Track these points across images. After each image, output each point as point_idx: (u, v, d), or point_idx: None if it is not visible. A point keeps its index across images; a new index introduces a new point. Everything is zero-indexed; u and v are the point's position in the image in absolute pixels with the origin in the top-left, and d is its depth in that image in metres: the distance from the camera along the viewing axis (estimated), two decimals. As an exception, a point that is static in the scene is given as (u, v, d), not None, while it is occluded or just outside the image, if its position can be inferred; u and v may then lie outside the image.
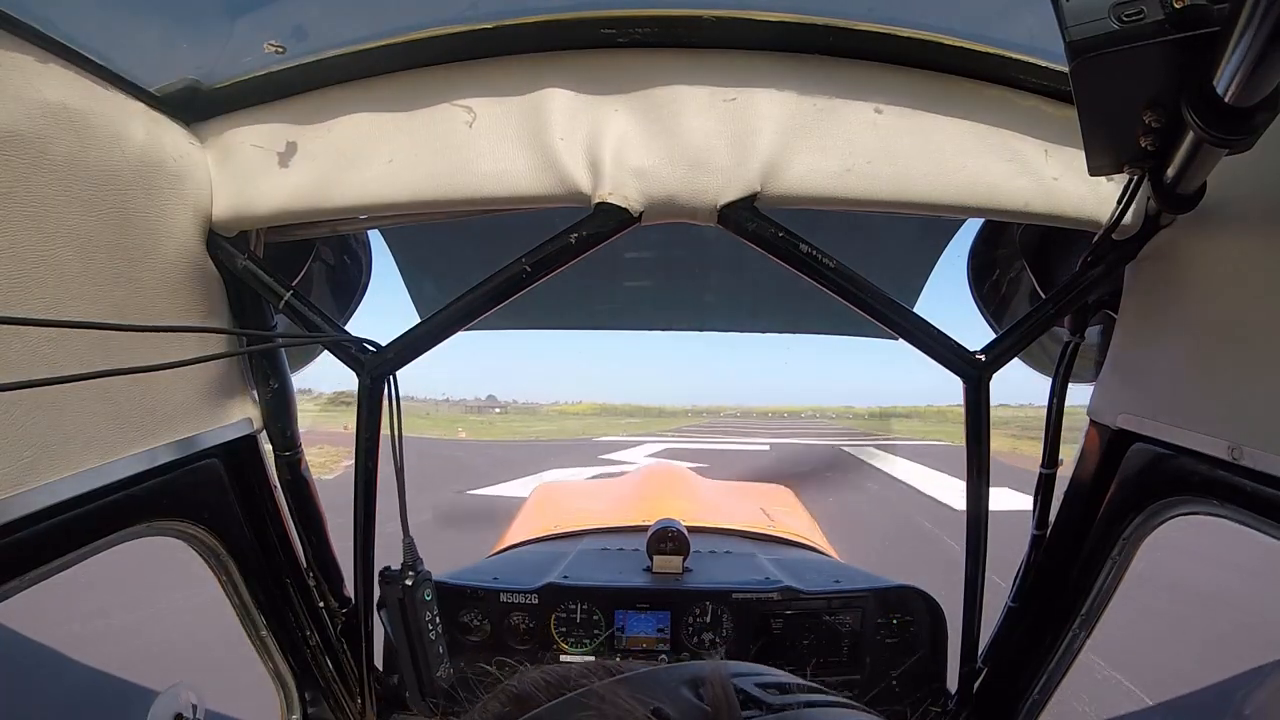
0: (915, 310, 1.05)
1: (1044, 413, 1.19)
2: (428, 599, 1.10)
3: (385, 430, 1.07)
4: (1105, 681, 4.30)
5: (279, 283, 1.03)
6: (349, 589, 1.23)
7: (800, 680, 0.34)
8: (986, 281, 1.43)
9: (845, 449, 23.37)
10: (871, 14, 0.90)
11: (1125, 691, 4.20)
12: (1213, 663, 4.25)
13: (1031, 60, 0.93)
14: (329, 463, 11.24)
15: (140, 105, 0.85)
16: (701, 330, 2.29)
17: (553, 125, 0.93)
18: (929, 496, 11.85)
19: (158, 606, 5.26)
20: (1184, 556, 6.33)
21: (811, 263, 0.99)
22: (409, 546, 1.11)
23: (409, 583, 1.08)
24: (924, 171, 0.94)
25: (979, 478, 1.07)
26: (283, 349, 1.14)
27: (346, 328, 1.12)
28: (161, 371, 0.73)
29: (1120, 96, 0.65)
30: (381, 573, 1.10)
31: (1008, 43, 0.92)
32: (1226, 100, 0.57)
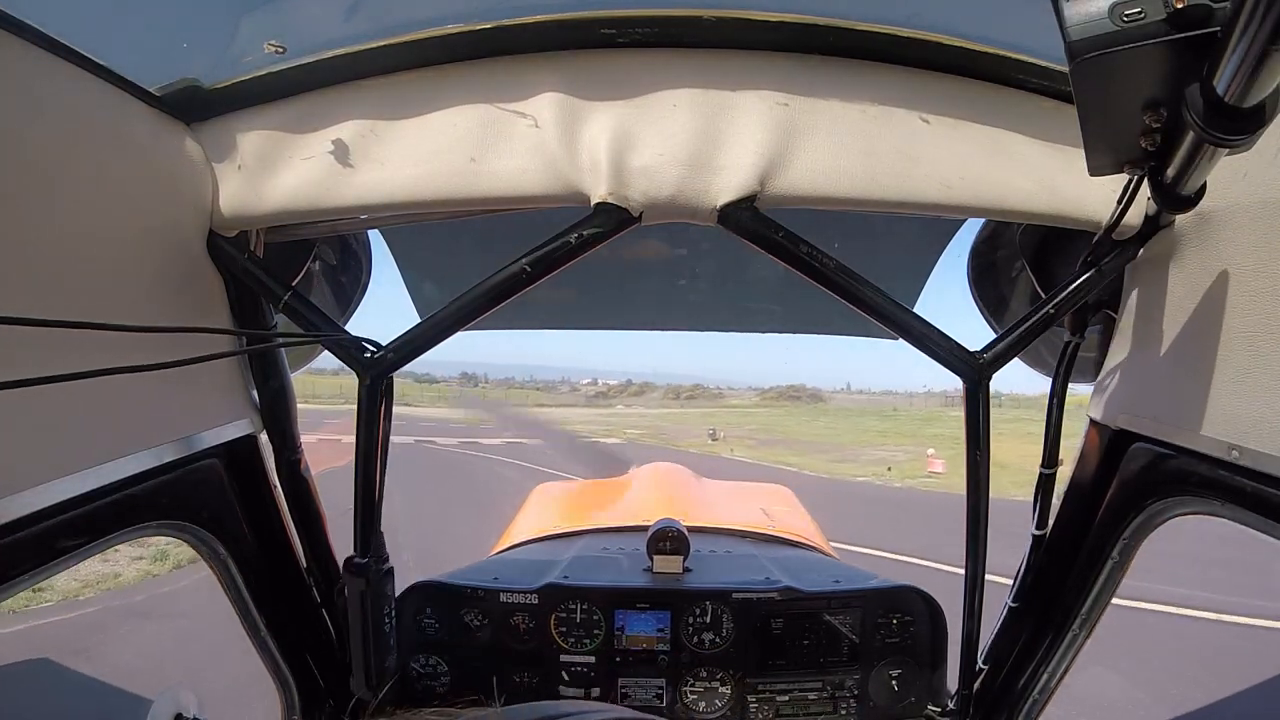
0: (915, 310, 1.05)
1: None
2: (388, 592, 1.12)
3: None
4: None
5: (279, 283, 1.03)
6: (342, 577, 1.23)
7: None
8: (986, 281, 1.43)
9: None
10: (871, 14, 0.90)
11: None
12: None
13: (1031, 60, 0.93)
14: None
15: (140, 105, 0.85)
16: (702, 330, 2.29)
17: (552, 125, 0.93)
18: None
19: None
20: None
21: (811, 263, 0.99)
22: (379, 540, 1.11)
23: (375, 574, 1.09)
24: (924, 171, 0.94)
25: (979, 477, 1.07)
26: (283, 349, 1.14)
27: (346, 328, 1.12)
28: (161, 371, 0.73)
29: (1120, 97, 0.65)
30: (346, 561, 1.09)
31: (1008, 43, 0.92)
32: (1226, 100, 0.57)
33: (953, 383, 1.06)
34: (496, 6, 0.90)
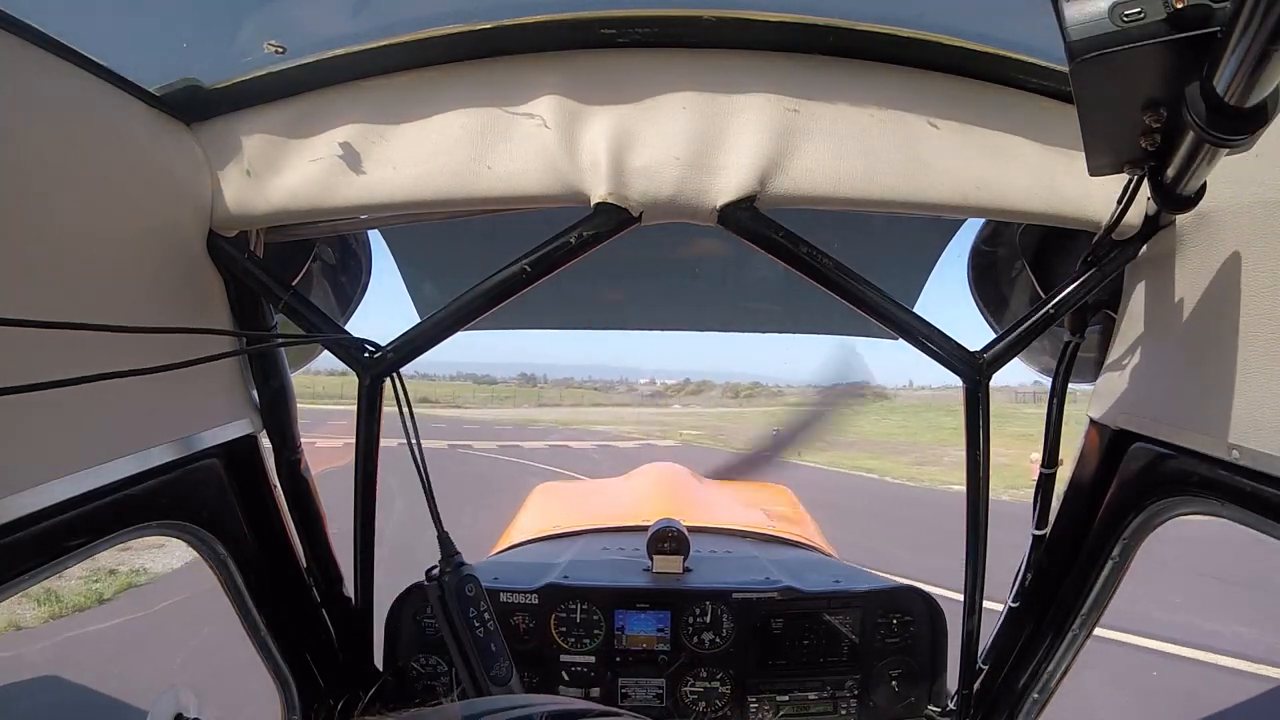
0: (915, 310, 1.05)
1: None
2: (470, 594, 1.05)
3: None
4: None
5: (279, 283, 1.03)
6: (349, 589, 1.23)
7: (546, 696, 0.35)
8: (986, 281, 1.43)
9: None
10: (871, 14, 0.90)
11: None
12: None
13: (1031, 60, 0.93)
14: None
15: (140, 105, 0.85)
16: (701, 331, 2.29)
17: (553, 125, 0.93)
18: None
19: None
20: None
21: (811, 263, 0.99)
22: (445, 540, 1.07)
23: (447, 579, 1.04)
24: (924, 171, 0.94)
25: (978, 477, 1.07)
26: (283, 349, 1.15)
27: (346, 327, 1.12)
28: (161, 372, 0.73)
29: (1120, 97, 0.65)
30: (427, 574, 1.06)
31: (1008, 43, 0.92)
32: (1226, 100, 0.57)
33: (1019, 377, 1.04)
34: (496, 6, 0.90)
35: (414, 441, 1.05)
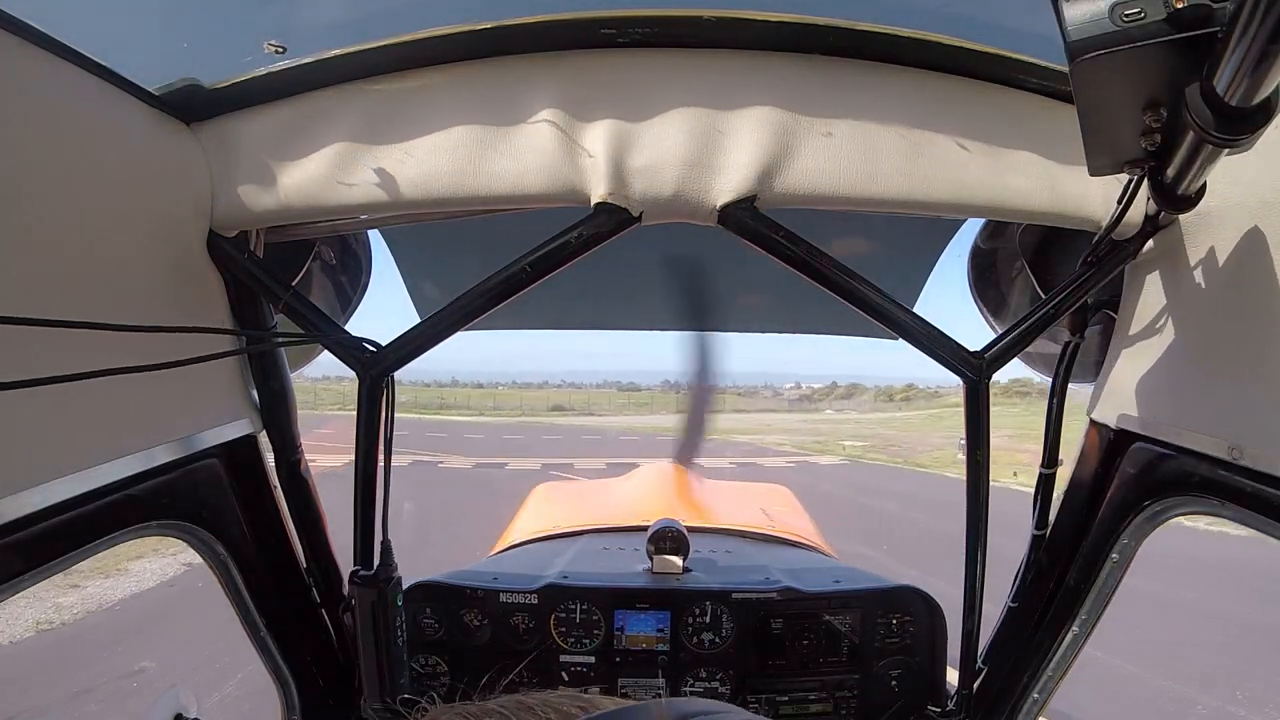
0: (915, 310, 1.05)
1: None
2: (399, 604, 1.09)
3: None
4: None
5: (279, 283, 1.03)
6: (348, 589, 1.23)
7: (742, 711, 0.34)
8: (986, 281, 1.43)
9: None
10: (872, 14, 0.90)
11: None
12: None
13: (1031, 60, 0.93)
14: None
15: (140, 105, 0.85)
16: (702, 330, 2.29)
17: (553, 125, 0.93)
18: None
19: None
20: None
21: (811, 263, 0.99)
22: (386, 548, 1.10)
23: (385, 585, 1.07)
24: (924, 171, 0.94)
25: (979, 477, 1.07)
26: (283, 349, 1.15)
27: (346, 327, 1.12)
28: (161, 371, 0.73)
29: (1120, 97, 0.65)
30: (352, 574, 1.08)
31: (1008, 43, 0.92)
32: (1227, 100, 0.57)
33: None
34: (496, 6, 0.90)
35: (388, 446, 1.07)
